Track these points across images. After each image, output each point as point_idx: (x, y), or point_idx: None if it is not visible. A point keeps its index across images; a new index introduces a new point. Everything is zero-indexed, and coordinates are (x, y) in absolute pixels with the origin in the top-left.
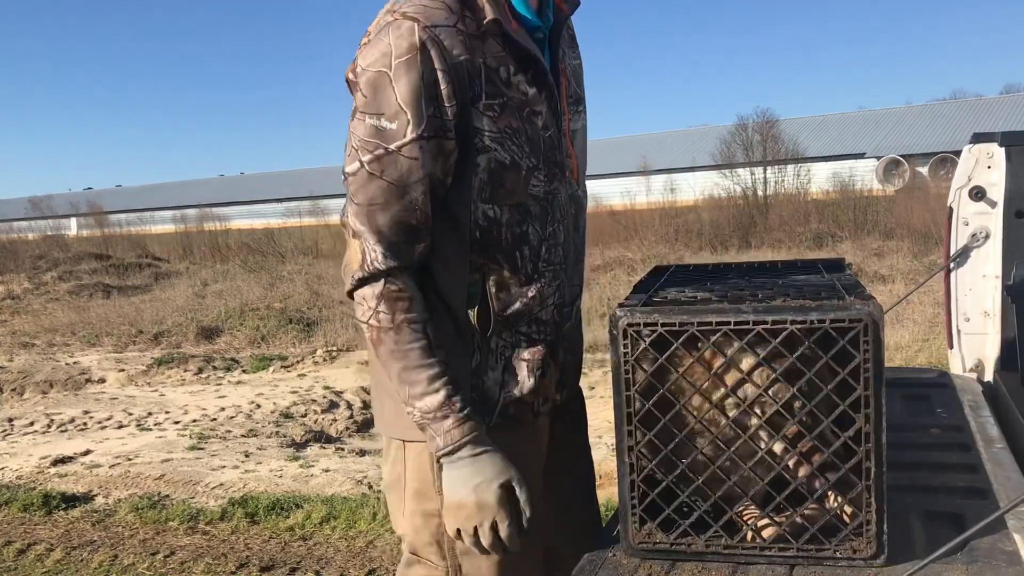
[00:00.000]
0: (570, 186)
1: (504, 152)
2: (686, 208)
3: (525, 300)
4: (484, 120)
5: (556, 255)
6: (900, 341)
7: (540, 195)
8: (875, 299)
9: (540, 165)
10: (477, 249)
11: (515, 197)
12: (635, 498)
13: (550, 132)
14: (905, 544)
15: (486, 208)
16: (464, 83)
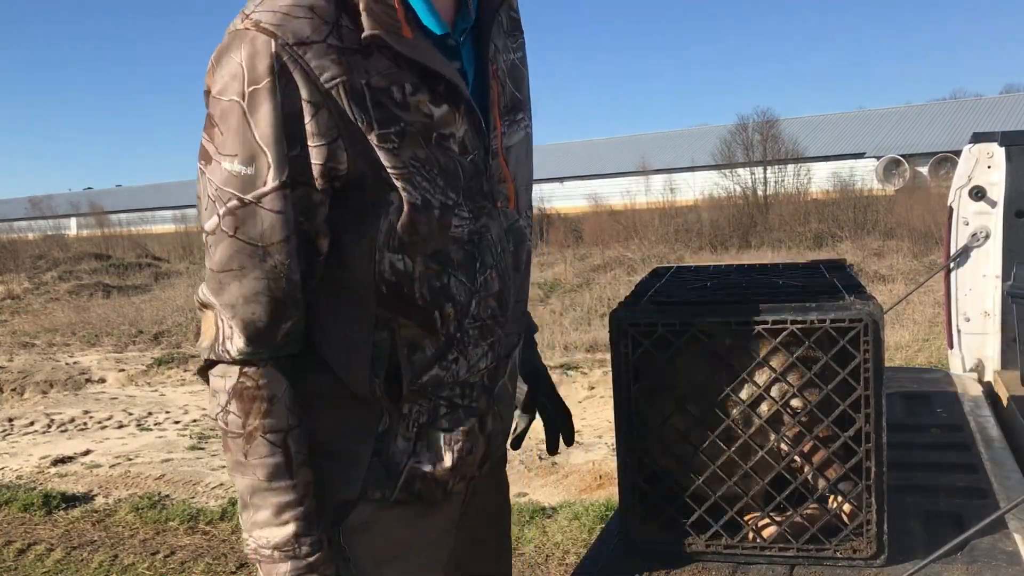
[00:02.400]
0: (506, 217)
1: (414, 191)
2: (686, 208)
3: (447, 366)
4: (383, 153)
5: (488, 308)
6: (900, 341)
7: (464, 237)
8: (875, 299)
9: (461, 200)
10: (384, 306)
11: (431, 244)
12: (635, 498)
13: (472, 156)
14: (905, 544)
15: (394, 259)
16: (344, 114)
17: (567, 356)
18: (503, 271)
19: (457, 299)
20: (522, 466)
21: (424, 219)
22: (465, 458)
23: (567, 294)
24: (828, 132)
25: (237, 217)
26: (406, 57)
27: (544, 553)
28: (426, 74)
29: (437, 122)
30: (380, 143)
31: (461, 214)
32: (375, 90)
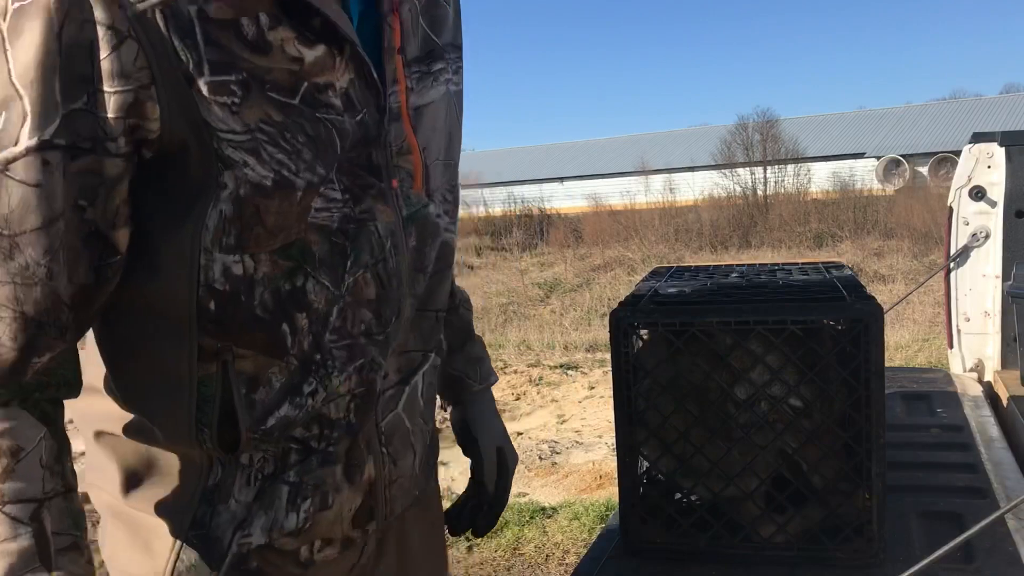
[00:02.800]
0: (408, 202)
1: (262, 167)
2: (686, 208)
3: (301, 402)
4: (216, 111)
5: (359, 322)
6: (900, 341)
7: (333, 225)
8: (875, 299)
9: (333, 176)
10: (211, 328)
11: (282, 237)
12: (636, 498)
13: (361, 116)
14: (905, 544)
15: (229, 261)
16: (161, 50)
17: (567, 356)
18: (388, 273)
19: (314, 307)
20: (522, 466)
21: (276, 205)
22: (317, 517)
23: (567, 294)
24: (828, 132)
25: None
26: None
27: (544, 553)
28: (292, 3)
29: (309, 68)
30: (213, 95)
31: (331, 194)
32: (212, 22)
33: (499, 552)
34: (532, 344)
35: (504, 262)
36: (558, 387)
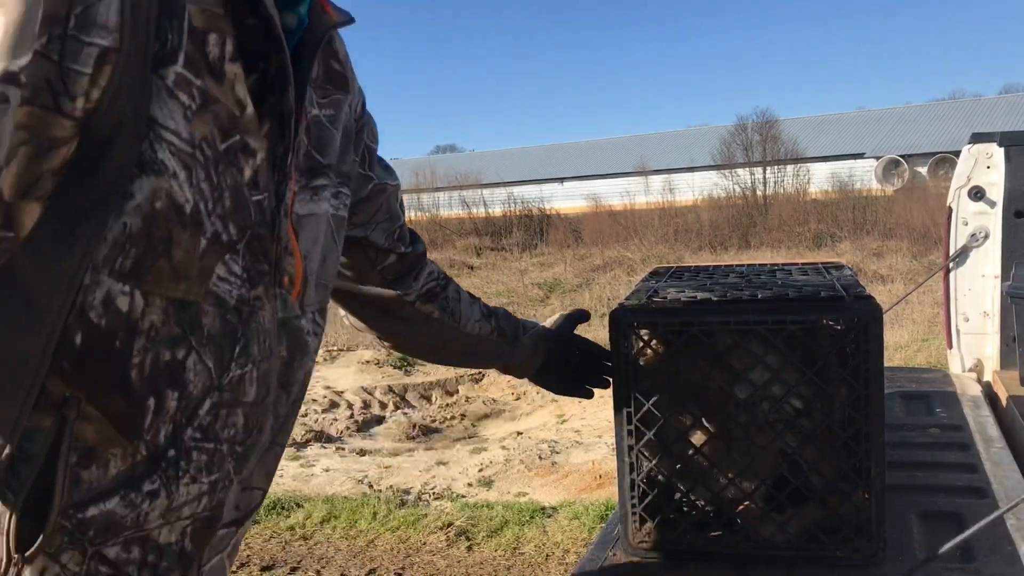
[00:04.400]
0: (284, 308)
1: (187, 188)
2: (685, 208)
3: (135, 500)
4: (171, 107)
5: (231, 424)
6: (900, 341)
7: (231, 300)
8: (875, 299)
9: (239, 244)
10: (67, 367)
11: (183, 286)
12: (635, 498)
13: (262, 197)
14: (905, 544)
15: (116, 290)
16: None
17: None
18: (268, 377)
19: (188, 389)
20: (522, 466)
21: (186, 240)
22: None
23: (567, 294)
24: (828, 132)
25: None
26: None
27: (544, 553)
28: (246, 51)
29: (245, 123)
30: (177, 89)
31: (233, 267)
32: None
33: (499, 552)
34: None
35: (504, 262)
36: None
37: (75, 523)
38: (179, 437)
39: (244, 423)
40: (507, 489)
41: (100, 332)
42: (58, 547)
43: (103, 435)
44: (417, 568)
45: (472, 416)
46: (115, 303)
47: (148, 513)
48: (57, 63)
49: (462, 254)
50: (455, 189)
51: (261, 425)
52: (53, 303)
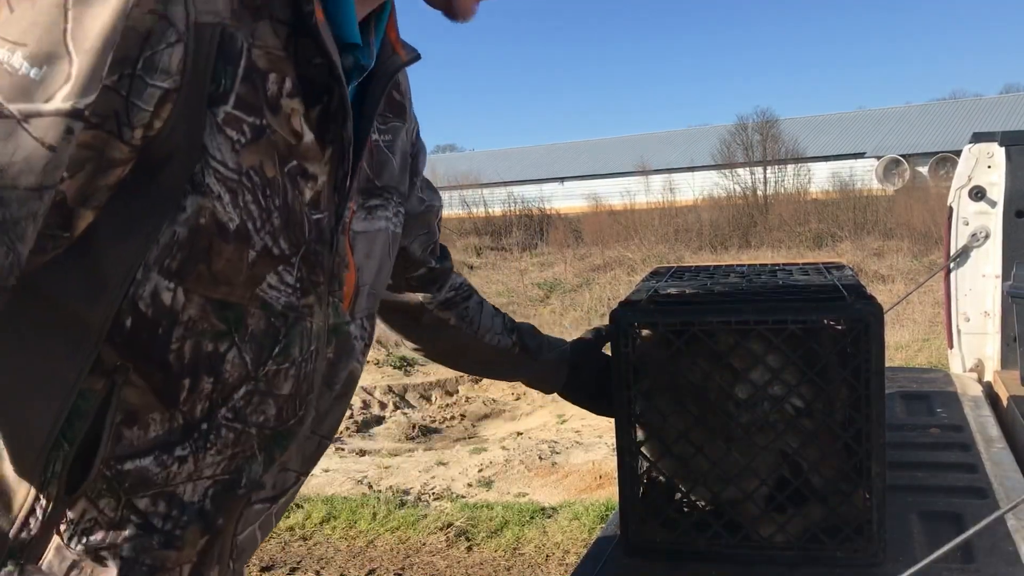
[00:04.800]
0: (338, 314)
1: (232, 209)
2: (686, 208)
3: (167, 461)
4: (219, 140)
5: (263, 412)
6: (900, 341)
7: (277, 307)
8: (875, 299)
9: (294, 257)
10: (119, 342)
11: (224, 290)
12: (635, 498)
13: (322, 216)
14: (905, 544)
15: (162, 285)
16: (201, 63)
17: None
18: (306, 376)
19: (225, 377)
20: (522, 466)
21: (229, 252)
22: None
23: (567, 294)
24: (828, 132)
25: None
26: (309, 55)
27: (544, 553)
28: (311, 85)
29: (302, 149)
30: (226, 126)
31: (286, 277)
32: (252, 63)
33: (499, 552)
34: None
35: (504, 262)
36: None
37: (114, 473)
38: (214, 414)
39: (276, 412)
40: (507, 489)
41: (146, 319)
42: (97, 493)
43: (145, 401)
44: (417, 568)
45: (472, 416)
46: (160, 296)
47: (177, 474)
48: (124, 97)
49: (462, 254)
50: (455, 189)
51: (297, 416)
52: (113, 288)
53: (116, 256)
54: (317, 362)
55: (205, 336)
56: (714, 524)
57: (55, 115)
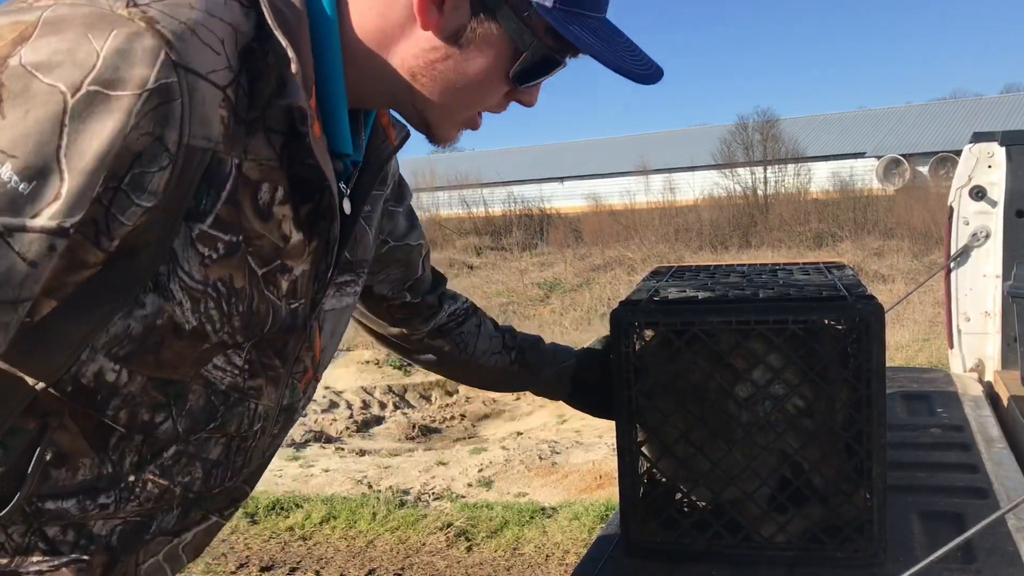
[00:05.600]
0: (292, 394)
1: (191, 314)
2: (686, 208)
3: (87, 505)
4: (190, 253)
5: (190, 473)
6: (900, 341)
7: (221, 385)
8: (876, 298)
9: (246, 347)
10: (55, 394)
11: (168, 371)
12: (636, 498)
13: (297, 305)
14: (905, 544)
15: (107, 367)
16: (185, 183)
17: None
18: (244, 449)
19: (158, 437)
20: (522, 466)
21: (180, 346)
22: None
23: (567, 294)
24: (828, 132)
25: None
26: (300, 159)
27: (544, 553)
28: (303, 188)
29: (289, 250)
30: (198, 240)
31: (234, 359)
32: (242, 179)
33: (499, 552)
34: None
35: (504, 262)
36: None
37: (33, 510)
38: (142, 468)
39: (204, 476)
40: (507, 489)
41: (87, 389)
42: (10, 520)
43: (77, 446)
44: (417, 568)
45: (472, 416)
46: (104, 375)
47: (94, 516)
48: (106, 208)
49: (462, 254)
50: (455, 188)
51: (223, 486)
52: (57, 363)
53: (64, 336)
54: (260, 440)
55: (143, 406)
56: (714, 524)
57: (40, 232)
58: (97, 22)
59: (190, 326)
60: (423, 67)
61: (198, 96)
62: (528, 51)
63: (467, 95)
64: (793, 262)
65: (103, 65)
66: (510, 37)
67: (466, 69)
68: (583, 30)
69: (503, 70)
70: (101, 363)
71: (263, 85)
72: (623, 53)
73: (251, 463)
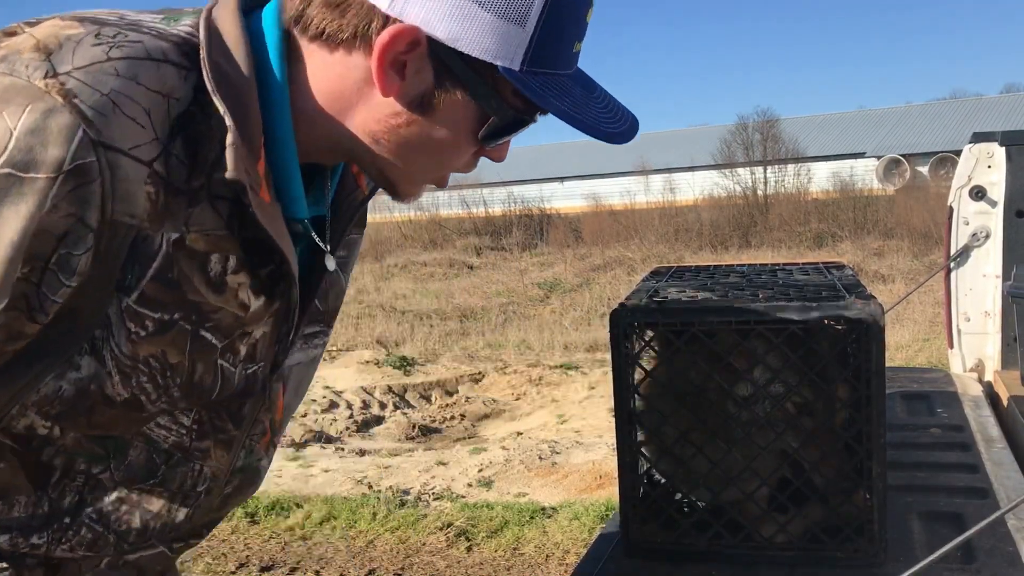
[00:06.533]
0: (248, 455)
1: (121, 387)
2: (686, 208)
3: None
4: (118, 327)
5: (128, 523)
6: (900, 341)
7: (163, 444)
8: (876, 299)
9: (192, 409)
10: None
11: (101, 431)
12: (636, 498)
13: (255, 368)
14: (905, 544)
15: (38, 423)
16: (111, 255)
17: (567, 356)
18: (187, 507)
19: (96, 487)
20: (522, 466)
21: (113, 413)
22: None
23: (567, 294)
24: (828, 132)
25: None
26: (252, 224)
27: (544, 553)
28: (259, 251)
29: (249, 317)
30: (125, 315)
31: (180, 418)
32: (183, 250)
33: (499, 552)
34: (532, 344)
35: (504, 262)
36: (558, 387)
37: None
38: (80, 510)
39: (140, 526)
40: (507, 489)
41: (19, 437)
42: None
43: (15, 481)
44: (417, 569)
45: (472, 416)
46: (35, 429)
47: (23, 553)
48: (36, 285)
49: (462, 254)
50: (455, 188)
51: (164, 538)
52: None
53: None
54: (204, 500)
55: (79, 456)
56: (715, 524)
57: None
58: (13, 96)
59: (122, 398)
60: (385, 131)
61: (120, 173)
62: (495, 115)
63: (433, 159)
64: (793, 262)
65: (15, 146)
66: (476, 102)
67: (431, 134)
68: (551, 90)
69: (470, 133)
70: (32, 419)
71: (207, 151)
72: (594, 109)
73: (195, 520)
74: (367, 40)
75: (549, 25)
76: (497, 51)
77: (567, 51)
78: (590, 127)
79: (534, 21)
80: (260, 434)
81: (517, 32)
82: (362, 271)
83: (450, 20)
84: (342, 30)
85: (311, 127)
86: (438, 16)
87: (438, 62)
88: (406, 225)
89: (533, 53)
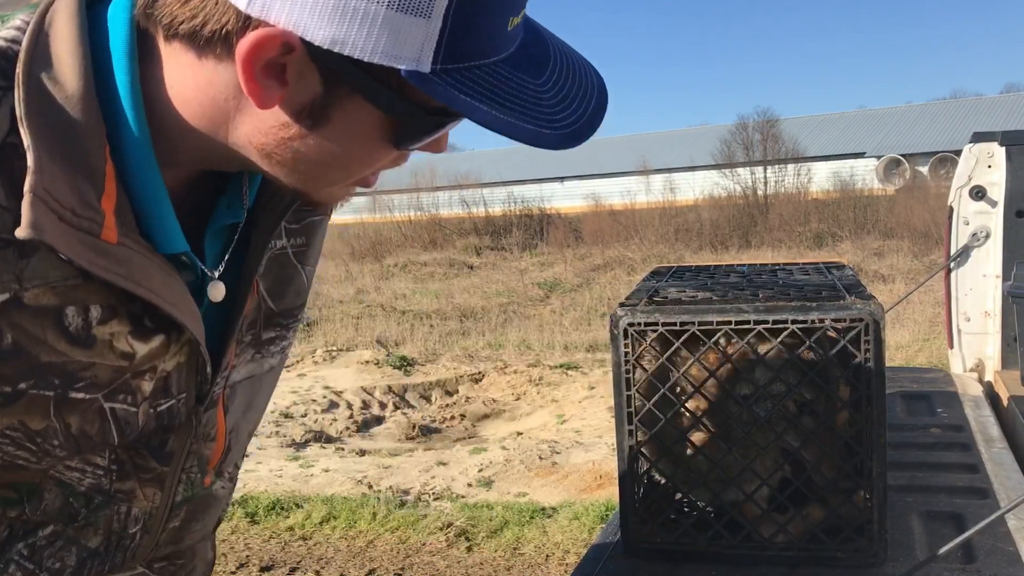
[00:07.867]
0: (193, 487)
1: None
2: (686, 208)
3: None
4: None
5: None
6: (900, 341)
7: (79, 487)
8: (876, 298)
9: (105, 452)
10: None
11: (7, 479)
12: (636, 498)
13: (170, 403)
14: (905, 544)
15: None
16: None
17: (567, 356)
18: (123, 547)
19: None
20: (522, 466)
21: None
22: None
23: (567, 294)
24: (828, 132)
25: None
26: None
27: (544, 553)
28: (128, 297)
29: (139, 362)
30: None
31: (95, 461)
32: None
33: (499, 552)
34: (532, 344)
35: (504, 262)
36: (558, 387)
37: None
38: (11, 544)
39: (76, 565)
40: (507, 489)
41: None
42: None
43: None
44: (417, 569)
45: (472, 416)
46: None
47: None
48: None
49: (462, 254)
50: (455, 188)
51: (98, 572)
52: None
53: None
54: (144, 538)
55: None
56: (715, 524)
57: None
58: None
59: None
60: (276, 145)
61: None
62: (404, 122)
63: (340, 170)
64: (793, 262)
65: None
66: (380, 109)
67: (331, 147)
68: (475, 88)
69: (381, 140)
70: None
71: None
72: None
73: (138, 557)
74: (228, 44)
75: (465, 9)
76: (395, 52)
77: (498, 33)
78: (522, 130)
79: (442, 9)
80: (198, 466)
81: (420, 25)
82: (362, 271)
83: (327, 20)
84: (197, 27)
85: (182, 141)
86: (311, 15)
87: (324, 66)
88: (406, 225)
89: (447, 46)
